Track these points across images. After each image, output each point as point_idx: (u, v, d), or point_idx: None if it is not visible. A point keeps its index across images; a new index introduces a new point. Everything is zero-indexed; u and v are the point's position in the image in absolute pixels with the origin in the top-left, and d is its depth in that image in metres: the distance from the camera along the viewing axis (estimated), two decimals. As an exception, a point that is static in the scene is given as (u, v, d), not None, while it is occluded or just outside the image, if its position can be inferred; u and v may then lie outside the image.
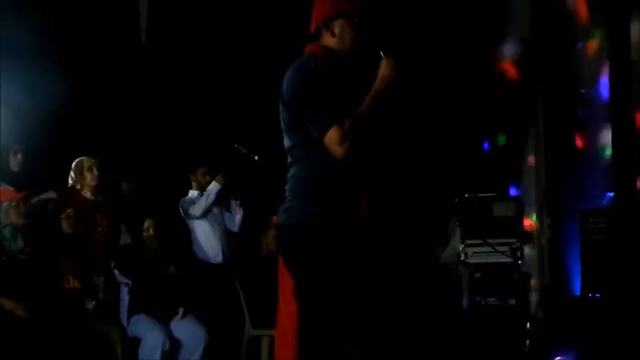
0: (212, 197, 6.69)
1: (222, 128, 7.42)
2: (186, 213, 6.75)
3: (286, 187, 3.23)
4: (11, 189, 5.68)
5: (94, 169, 5.97)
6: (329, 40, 3.24)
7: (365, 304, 3.16)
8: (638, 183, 6.46)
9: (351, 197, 3.12)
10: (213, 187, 6.71)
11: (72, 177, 6.01)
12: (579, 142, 7.12)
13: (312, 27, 3.28)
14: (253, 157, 6.70)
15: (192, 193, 6.84)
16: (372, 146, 3.18)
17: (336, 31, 3.22)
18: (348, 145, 3.02)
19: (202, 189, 6.80)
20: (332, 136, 3.02)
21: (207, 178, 6.81)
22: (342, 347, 3.10)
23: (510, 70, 7.44)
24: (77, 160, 6.02)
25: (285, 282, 4.76)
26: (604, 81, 6.98)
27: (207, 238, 6.76)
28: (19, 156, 6.16)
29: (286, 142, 3.24)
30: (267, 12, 7.51)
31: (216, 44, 7.71)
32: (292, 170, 3.21)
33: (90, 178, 5.95)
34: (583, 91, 7.11)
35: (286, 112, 3.19)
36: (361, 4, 3.23)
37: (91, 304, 5.44)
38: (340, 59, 3.21)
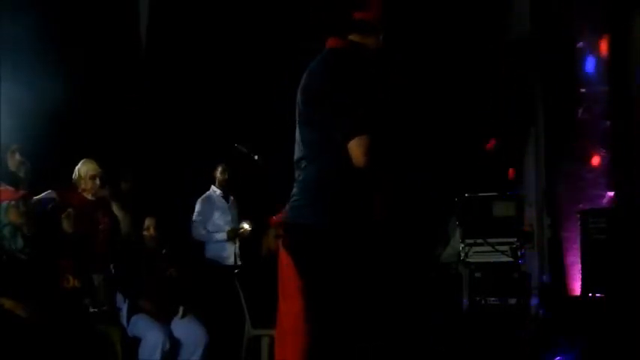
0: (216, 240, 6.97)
1: (222, 128, 7.42)
2: (196, 231, 7.01)
3: (296, 186, 3.19)
4: (11, 189, 5.67)
5: (97, 179, 5.97)
6: (365, 37, 3.21)
7: (371, 304, 3.15)
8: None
9: (365, 200, 3.10)
10: (222, 237, 6.96)
11: (75, 175, 6.02)
12: (579, 142, 7.13)
13: (370, 19, 3.21)
14: (253, 157, 6.71)
15: (214, 189, 7.10)
16: (387, 152, 3.17)
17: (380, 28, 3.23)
18: (371, 156, 3.00)
19: (221, 185, 7.05)
20: (359, 144, 2.99)
21: (225, 175, 7.06)
22: (349, 346, 3.09)
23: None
24: (83, 162, 6.00)
25: (285, 282, 4.75)
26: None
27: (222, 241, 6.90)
28: (17, 156, 6.15)
29: (303, 138, 3.18)
30: (267, 12, 7.51)
31: (216, 44, 7.72)
32: (305, 169, 3.16)
33: (91, 186, 5.96)
34: (583, 90, 7.12)
35: (308, 109, 3.14)
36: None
37: (94, 310, 5.45)
38: (367, 56, 3.20)
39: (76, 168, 6.00)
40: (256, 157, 6.70)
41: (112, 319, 5.64)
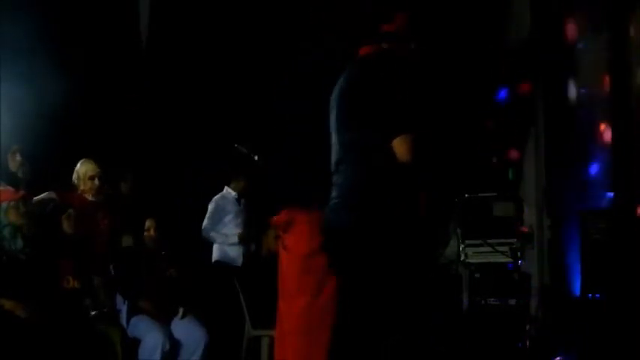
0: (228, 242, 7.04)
1: (222, 128, 7.42)
2: (207, 233, 7.03)
3: (335, 189, 3.21)
4: (11, 189, 5.67)
5: (96, 179, 5.97)
6: (394, 45, 3.31)
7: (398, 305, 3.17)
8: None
9: (404, 201, 3.13)
10: (234, 239, 7.00)
11: (75, 175, 6.02)
12: (579, 142, 7.12)
13: (396, 31, 3.33)
14: (253, 157, 6.71)
15: (228, 191, 7.13)
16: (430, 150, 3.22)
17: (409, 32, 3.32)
18: (415, 154, 3.07)
19: (239, 191, 7.08)
20: (403, 142, 3.07)
21: (248, 188, 7.15)
22: (378, 346, 3.10)
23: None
24: (81, 162, 6.00)
25: (285, 282, 4.76)
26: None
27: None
28: (18, 156, 6.14)
29: (340, 141, 3.22)
30: (268, 12, 7.51)
31: (216, 44, 7.72)
32: (344, 172, 3.20)
33: (90, 186, 5.96)
34: (583, 90, 7.11)
35: (346, 113, 3.19)
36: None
37: (94, 312, 5.46)
38: (399, 61, 3.28)
39: (75, 168, 6.00)
40: (256, 157, 6.70)
41: (112, 320, 5.64)
